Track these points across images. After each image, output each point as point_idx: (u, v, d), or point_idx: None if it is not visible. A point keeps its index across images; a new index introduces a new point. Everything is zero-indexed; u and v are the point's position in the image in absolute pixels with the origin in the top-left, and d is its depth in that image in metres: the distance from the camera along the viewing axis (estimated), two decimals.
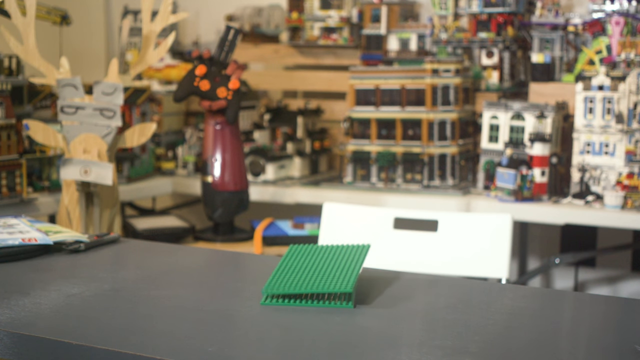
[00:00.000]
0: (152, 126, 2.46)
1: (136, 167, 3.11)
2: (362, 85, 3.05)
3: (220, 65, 2.75)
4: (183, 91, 2.73)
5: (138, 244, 1.99)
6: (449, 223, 2.14)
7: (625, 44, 2.78)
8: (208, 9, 3.90)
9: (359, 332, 1.29)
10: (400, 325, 1.35)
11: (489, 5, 3.06)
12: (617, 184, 2.67)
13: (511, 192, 2.75)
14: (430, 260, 2.12)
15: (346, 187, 3.04)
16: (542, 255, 3.38)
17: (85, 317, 1.35)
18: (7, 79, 2.59)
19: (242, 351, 1.20)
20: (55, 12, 3.06)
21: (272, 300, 1.41)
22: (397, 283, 1.60)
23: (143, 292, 1.50)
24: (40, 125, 2.42)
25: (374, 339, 1.25)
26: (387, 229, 2.16)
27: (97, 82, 2.35)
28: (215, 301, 1.46)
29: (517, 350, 1.23)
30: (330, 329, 1.31)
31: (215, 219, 2.84)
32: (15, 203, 2.55)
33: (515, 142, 2.86)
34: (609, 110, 2.70)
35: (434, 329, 1.33)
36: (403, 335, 1.31)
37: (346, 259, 1.52)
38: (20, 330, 1.26)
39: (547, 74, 3.01)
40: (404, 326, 1.35)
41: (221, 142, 2.77)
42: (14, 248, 1.68)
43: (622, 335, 1.27)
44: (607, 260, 3.32)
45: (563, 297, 1.62)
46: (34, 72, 2.60)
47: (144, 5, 2.53)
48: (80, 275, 1.59)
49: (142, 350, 1.18)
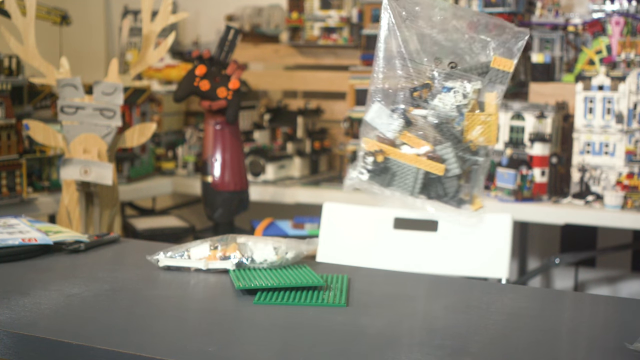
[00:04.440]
0: (152, 126, 2.46)
1: (136, 167, 3.11)
2: (362, 85, 3.05)
3: (220, 65, 2.75)
4: (183, 91, 2.73)
5: (138, 244, 1.99)
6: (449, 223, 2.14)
7: (625, 44, 2.78)
8: (208, 9, 3.90)
9: (359, 332, 1.29)
10: (400, 325, 1.35)
11: (489, 5, 3.06)
12: (617, 184, 2.67)
13: (511, 192, 2.75)
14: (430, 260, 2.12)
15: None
16: (542, 255, 3.38)
17: (85, 317, 1.35)
18: (7, 79, 2.59)
19: (242, 351, 1.20)
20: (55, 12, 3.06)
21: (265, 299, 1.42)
22: (397, 283, 1.60)
23: (143, 292, 1.50)
24: (40, 125, 2.42)
25: (374, 339, 1.25)
26: (387, 229, 2.16)
27: (97, 82, 2.35)
28: (215, 301, 1.46)
29: (517, 350, 1.23)
30: (330, 328, 1.31)
31: (215, 219, 2.84)
32: (15, 203, 2.55)
33: (515, 142, 2.86)
34: (609, 110, 2.70)
35: (434, 329, 1.33)
36: (403, 335, 1.31)
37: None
38: (20, 330, 1.26)
39: (547, 74, 3.01)
40: (404, 326, 1.35)
41: (221, 142, 2.77)
42: (14, 248, 1.68)
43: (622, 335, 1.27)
44: (607, 260, 3.32)
45: (563, 297, 1.62)
46: (34, 72, 2.60)
47: (144, 5, 2.53)
48: (80, 275, 1.59)
49: (142, 350, 1.18)
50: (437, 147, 1.38)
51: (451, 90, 1.40)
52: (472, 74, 1.41)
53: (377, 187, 1.41)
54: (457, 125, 1.40)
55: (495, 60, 1.41)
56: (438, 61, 1.42)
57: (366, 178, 1.41)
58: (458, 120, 1.41)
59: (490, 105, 1.41)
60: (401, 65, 1.42)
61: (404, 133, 1.40)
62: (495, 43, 1.41)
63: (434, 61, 1.42)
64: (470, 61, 1.42)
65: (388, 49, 1.43)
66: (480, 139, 1.41)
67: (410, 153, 1.40)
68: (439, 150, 1.38)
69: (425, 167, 1.38)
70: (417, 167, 1.39)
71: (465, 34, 1.42)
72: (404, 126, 1.41)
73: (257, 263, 1.58)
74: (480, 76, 1.41)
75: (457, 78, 1.41)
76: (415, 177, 1.39)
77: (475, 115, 1.40)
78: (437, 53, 1.43)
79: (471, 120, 1.40)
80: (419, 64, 1.42)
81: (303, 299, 1.43)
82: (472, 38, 1.42)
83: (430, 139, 1.39)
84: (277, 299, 1.43)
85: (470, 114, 1.40)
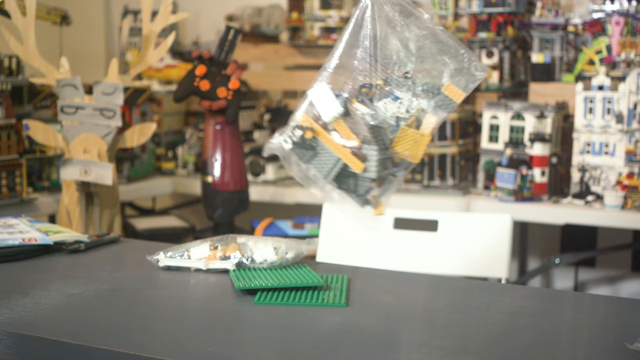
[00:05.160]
0: (152, 126, 2.46)
1: (136, 167, 3.11)
2: None
3: (220, 65, 2.75)
4: (183, 91, 2.73)
5: (138, 244, 1.99)
6: (449, 223, 2.14)
7: (625, 44, 2.78)
8: (208, 9, 3.90)
9: (359, 332, 1.29)
10: (400, 325, 1.35)
11: (489, 5, 3.06)
12: (617, 184, 2.67)
13: (511, 192, 2.75)
14: (430, 260, 2.12)
15: None
16: (542, 255, 3.38)
17: (85, 317, 1.35)
18: (7, 79, 2.59)
19: (242, 351, 1.20)
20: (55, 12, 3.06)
21: (265, 299, 1.42)
22: (397, 283, 1.60)
23: (143, 292, 1.50)
24: (40, 125, 2.42)
25: (374, 339, 1.25)
26: (387, 229, 2.16)
27: (97, 82, 2.35)
28: (215, 301, 1.46)
29: (517, 350, 1.23)
30: (330, 328, 1.31)
31: (215, 219, 2.84)
32: (15, 203, 2.55)
33: (515, 142, 2.86)
34: (609, 110, 2.70)
35: (434, 329, 1.33)
36: (403, 335, 1.31)
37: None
38: (20, 330, 1.26)
39: (547, 74, 3.01)
40: (404, 326, 1.35)
41: (221, 142, 2.77)
42: (14, 248, 1.68)
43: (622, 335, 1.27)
44: (607, 260, 3.32)
45: (563, 297, 1.62)
46: (34, 72, 2.60)
47: (144, 5, 2.53)
48: (80, 275, 1.59)
49: (142, 350, 1.18)
50: (364, 145, 1.40)
51: (398, 100, 1.42)
52: (422, 91, 1.43)
53: (295, 159, 1.43)
54: (390, 134, 1.43)
55: (448, 86, 1.43)
56: (402, 72, 1.43)
57: (288, 148, 1.43)
58: (392, 130, 1.43)
59: (427, 127, 1.43)
60: (361, 57, 1.43)
61: (339, 121, 1.42)
62: (454, 70, 1.43)
63: (398, 70, 1.44)
64: (428, 78, 1.43)
65: (355, 34, 1.43)
66: (407, 153, 1.43)
67: (337, 142, 1.42)
68: (365, 150, 1.40)
69: (346, 160, 1.41)
70: (339, 157, 1.41)
71: (436, 54, 1.43)
72: (341, 115, 1.42)
73: (257, 263, 1.58)
74: (429, 96, 1.43)
75: (408, 91, 1.42)
76: (334, 165, 1.42)
77: (409, 131, 1.43)
78: (401, 60, 1.44)
79: (404, 134, 1.43)
80: (379, 63, 1.43)
81: (303, 299, 1.43)
82: (437, 60, 1.43)
83: (360, 136, 1.41)
84: (277, 299, 1.43)
85: (406, 128, 1.43)
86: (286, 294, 1.45)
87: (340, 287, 1.51)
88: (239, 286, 1.47)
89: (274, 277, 1.51)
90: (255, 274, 1.53)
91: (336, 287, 1.51)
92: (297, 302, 1.42)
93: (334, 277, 1.57)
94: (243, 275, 1.53)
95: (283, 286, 1.46)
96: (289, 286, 1.47)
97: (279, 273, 1.54)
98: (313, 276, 1.51)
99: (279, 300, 1.42)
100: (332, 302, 1.41)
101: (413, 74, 1.44)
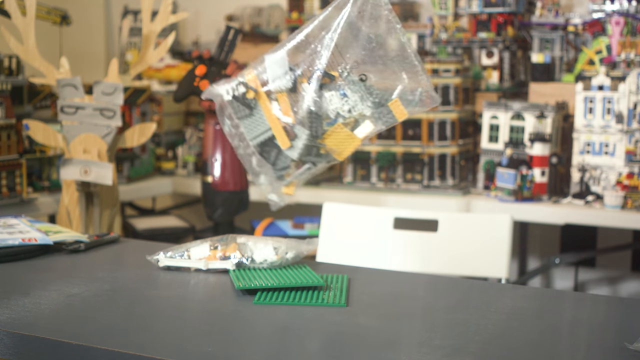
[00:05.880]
0: (152, 126, 2.46)
1: (136, 167, 3.11)
2: None
3: (220, 65, 2.75)
4: (183, 91, 2.73)
5: (138, 244, 1.99)
6: (449, 223, 2.14)
7: (625, 44, 2.78)
8: (208, 9, 3.90)
9: (359, 332, 1.29)
10: (400, 325, 1.35)
11: (489, 5, 3.06)
12: (617, 184, 2.67)
13: (511, 192, 2.75)
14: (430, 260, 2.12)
15: (346, 187, 3.04)
16: (542, 255, 3.38)
17: (85, 317, 1.35)
18: (7, 79, 2.59)
19: (242, 351, 1.20)
20: (55, 12, 3.06)
21: (265, 299, 1.42)
22: (397, 283, 1.60)
23: (143, 292, 1.50)
24: (40, 125, 2.42)
25: (374, 339, 1.25)
26: (387, 229, 2.16)
27: (97, 82, 2.35)
28: (215, 301, 1.46)
29: (517, 350, 1.23)
30: (330, 328, 1.31)
31: (215, 219, 2.84)
32: (15, 203, 2.55)
33: (515, 142, 2.86)
34: (609, 110, 2.70)
35: (434, 329, 1.33)
36: (403, 335, 1.31)
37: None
38: (20, 330, 1.26)
39: (547, 74, 3.01)
40: (403, 326, 1.35)
41: (221, 142, 2.77)
42: (14, 248, 1.68)
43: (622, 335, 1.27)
44: (607, 260, 3.32)
45: (563, 297, 1.62)
46: (34, 72, 2.60)
47: (144, 5, 2.53)
48: (80, 275, 1.59)
49: (142, 350, 1.18)
50: (297, 125, 1.42)
51: (345, 97, 1.43)
52: (371, 98, 1.44)
53: (230, 112, 1.45)
54: (325, 126, 1.44)
55: (395, 102, 1.43)
56: (361, 75, 1.45)
57: (227, 99, 1.45)
58: (329, 122, 1.45)
59: (362, 132, 1.47)
60: (326, 44, 1.44)
61: (283, 94, 1.44)
62: (408, 90, 1.44)
63: (357, 68, 1.45)
64: (380, 87, 1.45)
65: (329, 19, 1.45)
66: (334, 149, 1.45)
67: (274, 113, 1.44)
68: (297, 130, 1.42)
69: (276, 133, 1.44)
70: (270, 127, 1.43)
71: (397, 68, 1.44)
72: (287, 89, 1.43)
73: (257, 263, 1.58)
74: (374, 105, 1.44)
75: (358, 92, 1.44)
76: (263, 132, 1.44)
77: (344, 130, 1.45)
78: (363, 61, 1.45)
79: (339, 130, 1.45)
80: (341, 55, 1.44)
81: (303, 299, 1.43)
82: (396, 73, 1.44)
83: (298, 116, 1.43)
84: (277, 299, 1.43)
85: (341, 126, 1.44)
86: (286, 294, 1.45)
87: (340, 287, 1.51)
88: (239, 286, 1.47)
89: (274, 277, 1.51)
90: (255, 274, 1.54)
91: (336, 287, 1.51)
92: (297, 302, 1.42)
93: (334, 277, 1.57)
94: (243, 275, 1.53)
95: (283, 286, 1.46)
96: (289, 286, 1.47)
97: (279, 273, 1.54)
98: (313, 276, 1.51)
99: (279, 301, 1.42)
100: (332, 302, 1.41)
101: (369, 80, 1.45)
